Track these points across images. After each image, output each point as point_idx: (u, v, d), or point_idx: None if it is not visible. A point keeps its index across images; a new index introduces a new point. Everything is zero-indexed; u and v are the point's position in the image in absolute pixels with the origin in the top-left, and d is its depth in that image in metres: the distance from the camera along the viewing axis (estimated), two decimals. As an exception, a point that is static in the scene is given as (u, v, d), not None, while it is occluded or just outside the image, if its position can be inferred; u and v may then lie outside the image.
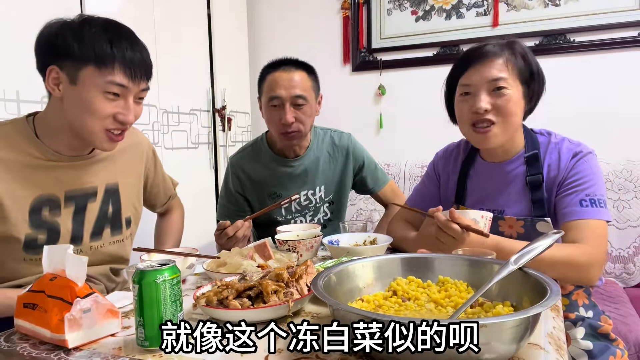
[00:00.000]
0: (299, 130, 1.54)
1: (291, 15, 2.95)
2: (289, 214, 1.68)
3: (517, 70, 1.17)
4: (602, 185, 1.16)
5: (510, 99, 1.15)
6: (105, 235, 1.21)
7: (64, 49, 1.01)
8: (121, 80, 1.04)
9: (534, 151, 1.22)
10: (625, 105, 2.30)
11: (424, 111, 2.65)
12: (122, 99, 1.06)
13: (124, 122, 1.07)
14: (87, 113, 1.04)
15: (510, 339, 0.61)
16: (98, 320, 0.76)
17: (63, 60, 1.02)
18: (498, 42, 1.20)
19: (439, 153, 1.48)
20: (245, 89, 2.89)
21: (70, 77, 1.03)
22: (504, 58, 1.17)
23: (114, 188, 1.23)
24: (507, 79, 1.15)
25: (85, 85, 1.02)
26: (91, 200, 1.17)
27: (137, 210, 1.32)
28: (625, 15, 2.26)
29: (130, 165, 1.29)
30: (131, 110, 1.08)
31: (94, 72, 1.02)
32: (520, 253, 0.80)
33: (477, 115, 1.17)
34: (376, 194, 1.79)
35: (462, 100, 1.21)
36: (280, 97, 1.50)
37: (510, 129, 1.19)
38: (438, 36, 2.61)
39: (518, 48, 1.19)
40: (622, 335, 1.50)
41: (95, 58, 1.01)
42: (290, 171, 1.64)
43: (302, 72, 1.54)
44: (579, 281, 1.14)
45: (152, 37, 2.14)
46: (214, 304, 0.81)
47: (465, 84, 1.20)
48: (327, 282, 0.79)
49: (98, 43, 1.01)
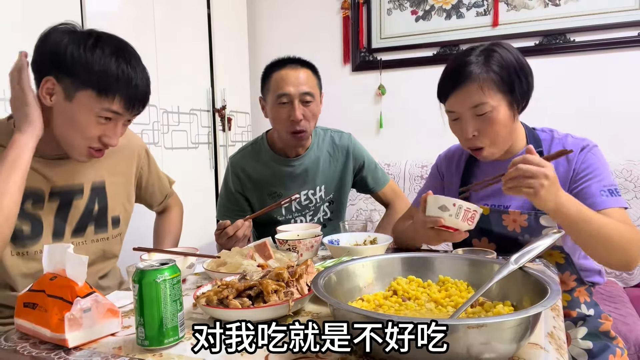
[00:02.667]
0: (307, 130, 1.55)
1: (291, 15, 2.95)
2: (289, 214, 1.68)
3: (495, 86, 1.15)
4: (611, 176, 1.19)
5: (494, 120, 1.16)
6: (89, 232, 1.21)
7: (67, 66, 1.00)
8: (118, 109, 1.04)
9: (537, 150, 1.23)
10: (625, 105, 2.30)
11: (424, 111, 2.65)
12: (112, 123, 1.07)
13: (107, 144, 1.09)
14: (73, 130, 1.05)
15: (511, 338, 0.61)
16: (98, 319, 0.76)
17: (63, 76, 1.01)
18: (473, 55, 1.17)
19: (441, 155, 1.49)
20: (245, 89, 2.89)
21: (66, 92, 1.02)
22: (478, 82, 1.14)
23: (101, 186, 1.23)
24: (487, 102, 1.14)
25: (80, 105, 1.02)
26: (77, 197, 1.18)
27: (127, 210, 1.32)
28: (625, 15, 2.26)
29: (119, 166, 1.29)
30: (117, 135, 1.10)
31: (93, 97, 1.02)
32: (520, 253, 0.80)
33: (469, 142, 1.21)
34: (376, 194, 1.79)
35: (453, 124, 1.25)
36: (289, 94, 1.50)
37: (501, 143, 1.21)
38: (438, 36, 2.61)
39: (494, 58, 1.16)
40: (622, 335, 1.50)
41: (98, 85, 1.01)
42: (290, 171, 1.65)
43: (307, 69, 1.55)
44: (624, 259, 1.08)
45: (152, 37, 2.14)
46: (214, 303, 0.81)
47: (450, 110, 1.22)
48: (327, 281, 0.79)
49: (104, 71, 1.01)
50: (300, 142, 1.59)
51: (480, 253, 1.08)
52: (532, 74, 1.20)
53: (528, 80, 1.19)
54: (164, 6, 2.22)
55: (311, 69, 1.57)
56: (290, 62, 1.55)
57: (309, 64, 1.58)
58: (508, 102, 1.17)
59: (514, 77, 1.16)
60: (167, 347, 0.72)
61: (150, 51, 2.11)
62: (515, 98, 1.18)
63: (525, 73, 1.18)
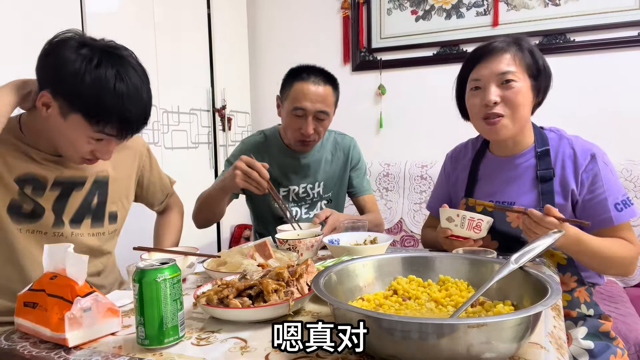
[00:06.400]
0: (314, 141, 1.60)
1: (291, 15, 2.95)
2: (285, 203, 1.69)
3: (525, 65, 1.21)
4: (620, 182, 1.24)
5: (519, 91, 1.20)
6: (85, 225, 1.21)
7: (63, 87, 1.00)
8: (110, 132, 1.05)
9: (545, 147, 1.26)
10: (625, 105, 2.30)
11: (424, 111, 2.65)
12: (105, 141, 1.08)
13: (99, 158, 1.11)
14: (67, 145, 1.07)
15: (511, 338, 0.61)
16: (98, 319, 0.76)
17: (59, 95, 1.01)
18: (505, 39, 1.25)
19: (448, 154, 1.53)
20: (245, 89, 2.89)
21: (61, 110, 1.02)
22: (511, 53, 1.21)
23: (104, 181, 1.24)
24: (515, 72, 1.20)
25: (73, 126, 1.03)
26: (77, 188, 1.19)
27: (125, 207, 1.33)
28: (625, 15, 2.26)
29: (123, 162, 1.30)
30: (110, 153, 1.11)
31: (86, 122, 1.02)
32: (520, 252, 0.80)
33: (488, 108, 1.22)
34: (356, 198, 1.81)
35: (473, 95, 1.26)
36: (305, 110, 1.52)
37: (519, 120, 1.22)
38: (438, 36, 2.61)
39: (525, 44, 1.24)
40: (622, 335, 1.50)
41: (90, 113, 1.01)
42: (294, 163, 1.68)
43: (329, 87, 1.56)
44: (621, 273, 1.21)
45: (152, 37, 2.14)
46: (214, 302, 0.81)
47: (476, 78, 1.24)
48: (327, 281, 0.79)
49: (98, 100, 0.99)
50: (306, 150, 1.64)
51: (481, 252, 1.08)
52: (551, 76, 1.27)
53: (548, 79, 1.25)
54: (164, 6, 2.22)
55: (332, 84, 1.58)
56: (314, 74, 1.54)
57: (332, 80, 1.58)
58: (531, 86, 1.22)
59: (541, 68, 1.23)
60: (167, 347, 0.72)
61: (150, 51, 2.11)
62: (536, 86, 1.23)
63: (548, 71, 1.25)
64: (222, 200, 1.54)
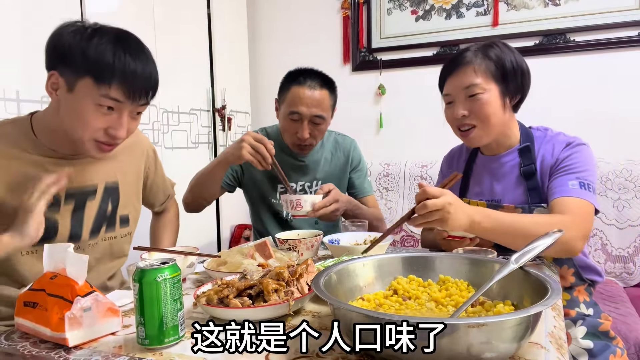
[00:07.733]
0: (311, 144, 1.61)
1: (291, 15, 2.95)
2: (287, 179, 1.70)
3: (490, 73, 1.22)
4: (594, 174, 1.19)
5: (486, 102, 1.21)
6: (102, 232, 1.21)
7: (66, 57, 1.00)
8: (116, 95, 1.02)
9: (526, 143, 1.27)
10: (625, 105, 2.30)
11: (424, 111, 2.65)
12: (116, 113, 1.04)
13: (114, 137, 1.06)
14: (78, 122, 1.03)
15: (511, 337, 0.61)
16: (98, 318, 0.76)
17: (64, 68, 1.02)
18: (474, 48, 1.26)
19: (444, 156, 1.55)
20: (245, 89, 2.88)
21: (68, 84, 1.02)
22: (475, 64, 1.22)
23: (114, 187, 1.23)
24: (479, 84, 1.21)
25: (80, 95, 1.01)
26: (90, 198, 1.17)
27: (137, 209, 1.32)
28: (625, 15, 2.26)
29: (131, 164, 1.29)
30: (124, 126, 1.06)
31: (91, 84, 1.00)
32: (520, 252, 0.80)
33: (458, 121, 1.26)
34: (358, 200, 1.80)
35: (447, 108, 1.31)
36: (301, 114, 1.53)
37: (492, 127, 1.24)
38: (438, 36, 2.61)
39: (492, 50, 1.24)
40: (622, 335, 1.50)
41: (95, 71, 1.00)
42: (293, 161, 1.69)
43: (325, 91, 1.55)
44: (563, 250, 1.10)
45: (152, 37, 2.14)
46: (214, 302, 0.81)
47: (446, 93, 1.29)
48: (327, 281, 0.79)
49: (100, 56, 1.00)
50: (303, 153, 1.65)
51: (481, 252, 1.08)
52: (528, 73, 1.26)
53: (524, 76, 1.24)
54: (164, 6, 2.22)
55: (329, 88, 1.57)
56: (310, 78, 1.54)
57: (329, 83, 1.58)
58: (500, 91, 1.22)
59: (509, 70, 1.22)
60: (168, 346, 0.72)
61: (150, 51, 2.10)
62: (507, 89, 1.23)
63: (521, 69, 1.24)
64: (218, 175, 1.52)
